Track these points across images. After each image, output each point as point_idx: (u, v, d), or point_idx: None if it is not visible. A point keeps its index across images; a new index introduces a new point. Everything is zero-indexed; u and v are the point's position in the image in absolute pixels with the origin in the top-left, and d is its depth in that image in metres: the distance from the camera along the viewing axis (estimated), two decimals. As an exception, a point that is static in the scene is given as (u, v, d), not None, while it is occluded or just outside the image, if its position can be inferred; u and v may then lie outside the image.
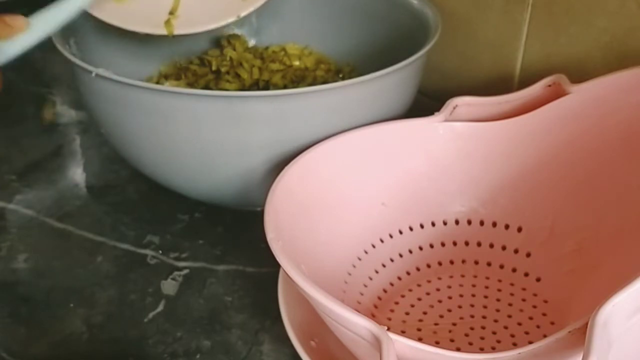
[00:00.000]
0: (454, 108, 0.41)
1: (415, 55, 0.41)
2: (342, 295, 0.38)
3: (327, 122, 0.39)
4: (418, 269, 0.42)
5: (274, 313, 0.38)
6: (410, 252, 0.42)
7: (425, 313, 0.39)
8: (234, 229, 0.48)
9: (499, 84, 0.51)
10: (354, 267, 0.40)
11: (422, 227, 0.42)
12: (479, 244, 0.42)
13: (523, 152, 0.41)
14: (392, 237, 0.42)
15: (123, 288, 0.43)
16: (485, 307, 0.39)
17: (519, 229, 0.41)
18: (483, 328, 0.38)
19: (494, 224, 0.42)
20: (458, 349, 0.36)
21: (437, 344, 0.35)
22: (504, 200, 0.42)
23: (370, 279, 0.40)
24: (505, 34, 0.49)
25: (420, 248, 0.42)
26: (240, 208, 0.48)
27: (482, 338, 0.37)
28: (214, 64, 0.54)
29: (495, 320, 0.38)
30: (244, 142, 0.39)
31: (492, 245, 0.42)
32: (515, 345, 0.36)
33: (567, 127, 0.40)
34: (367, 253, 0.41)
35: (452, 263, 0.42)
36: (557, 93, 0.40)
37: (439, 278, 0.41)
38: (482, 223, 0.42)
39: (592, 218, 0.39)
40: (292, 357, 0.38)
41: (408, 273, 0.41)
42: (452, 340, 0.37)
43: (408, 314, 0.39)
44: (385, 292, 0.40)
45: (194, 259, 0.45)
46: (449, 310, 0.39)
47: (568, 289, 0.38)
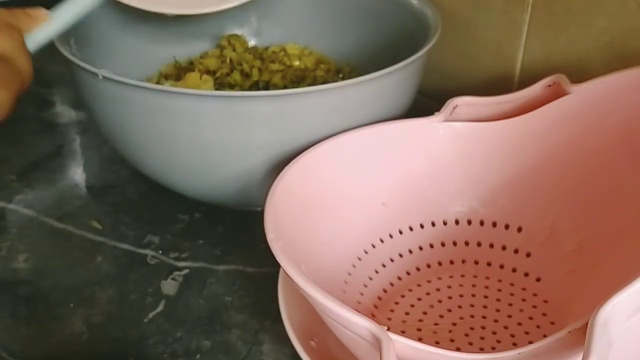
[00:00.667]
0: (454, 108, 0.41)
1: (415, 55, 0.41)
2: (342, 295, 0.38)
3: (327, 122, 0.39)
4: (418, 269, 0.42)
5: (274, 313, 0.38)
6: (410, 252, 0.42)
7: (425, 313, 0.39)
8: (234, 229, 0.48)
9: (499, 84, 0.51)
10: (354, 267, 0.40)
11: (422, 227, 0.42)
12: (479, 244, 0.42)
13: (523, 152, 0.41)
14: (392, 237, 0.42)
15: (123, 288, 0.43)
16: (485, 307, 0.39)
17: (519, 229, 0.41)
18: (483, 328, 0.38)
19: (494, 224, 0.42)
20: (458, 349, 0.36)
21: (437, 344, 0.35)
22: (504, 200, 0.42)
23: (370, 279, 0.40)
24: (505, 34, 0.49)
25: (420, 248, 0.42)
26: (240, 208, 0.48)
27: (482, 338, 0.37)
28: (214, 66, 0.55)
29: (495, 320, 0.38)
30: (244, 142, 0.39)
31: (492, 245, 0.42)
32: (515, 345, 0.36)
33: (567, 127, 0.40)
34: (367, 253, 0.41)
35: (452, 263, 0.42)
36: (557, 93, 0.40)
37: (439, 278, 0.41)
38: (482, 223, 0.42)
39: (592, 218, 0.39)
40: (292, 357, 0.38)
41: (408, 273, 0.41)
42: (452, 340, 0.37)
43: (408, 314, 0.39)
44: (385, 292, 0.40)
45: (194, 259, 0.45)
46: (449, 310, 0.39)
47: (568, 289, 0.38)
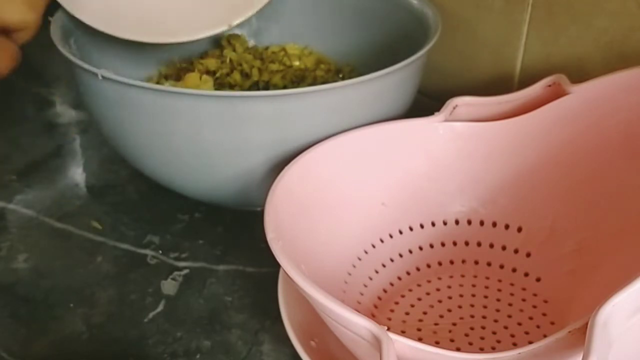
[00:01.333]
0: (454, 108, 0.41)
1: (415, 55, 0.41)
2: (342, 295, 0.38)
3: (327, 122, 0.39)
4: (418, 269, 0.42)
5: (274, 313, 0.38)
6: (410, 252, 0.42)
7: (425, 313, 0.39)
8: (234, 229, 0.48)
9: (499, 84, 0.51)
10: (354, 267, 0.40)
11: (422, 227, 0.42)
12: (479, 244, 0.42)
13: (523, 152, 0.41)
14: (392, 237, 0.42)
15: (123, 288, 0.43)
16: (485, 307, 0.39)
17: (519, 229, 0.41)
18: (483, 328, 0.38)
19: (494, 224, 0.42)
20: (458, 349, 0.36)
21: (437, 344, 0.35)
22: (504, 200, 0.42)
23: (370, 279, 0.40)
24: (505, 34, 0.49)
25: (420, 248, 0.42)
26: (240, 208, 0.48)
27: (482, 338, 0.37)
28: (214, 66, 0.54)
29: (495, 320, 0.38)
30: (244, 142, 0.39)
31: (492, 245, 0.42)
32: (515, 345, 0.36)
33: (567, 127, 0.40)
34: (367, 253, 0.41)
35: (452, 263, 0.42)
36: (557, 93, 0.40)
37: (439, 278, 0.41)
38: (482, 223, 0.42)
39: (592, 218, 0.39)
40: (292, 357, 0.38)
41: (408, 273, 0.41)
42: (452, 340, 0.37)
43: (408, 314, 0.39)
44: (385, 292, 0.40)
45: (194, 259, 0.45)
46: (449, 310, 0.39)
47: (568, 289, 0.38)
